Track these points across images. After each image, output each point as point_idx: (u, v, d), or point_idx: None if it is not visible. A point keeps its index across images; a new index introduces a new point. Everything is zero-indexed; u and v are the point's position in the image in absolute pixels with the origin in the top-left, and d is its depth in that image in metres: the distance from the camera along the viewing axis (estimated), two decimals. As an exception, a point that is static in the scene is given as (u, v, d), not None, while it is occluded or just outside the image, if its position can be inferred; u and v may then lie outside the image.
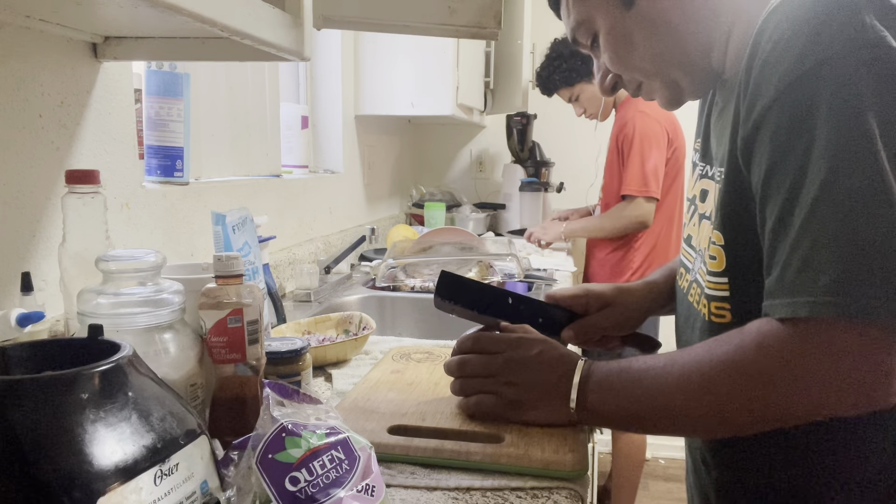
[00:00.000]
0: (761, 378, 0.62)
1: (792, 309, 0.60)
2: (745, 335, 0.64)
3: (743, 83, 0.67)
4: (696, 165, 0.87)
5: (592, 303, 0.95)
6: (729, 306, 0.73)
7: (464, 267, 1.82)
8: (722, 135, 0.75)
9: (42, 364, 0.54)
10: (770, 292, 0.63)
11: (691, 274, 0.83)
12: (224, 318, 0.70)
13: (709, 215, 0.77)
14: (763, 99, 0.63)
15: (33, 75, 0.93)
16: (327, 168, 2.23)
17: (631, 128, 2.26)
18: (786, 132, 0.61)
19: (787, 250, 0.60)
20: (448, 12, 1.05)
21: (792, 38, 0.61)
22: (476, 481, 0.69)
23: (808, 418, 0.63)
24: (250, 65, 1.71)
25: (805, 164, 0.60)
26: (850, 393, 0.59)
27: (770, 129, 0.63)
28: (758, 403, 0.63)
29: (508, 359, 0.77)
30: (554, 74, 2.44)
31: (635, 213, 2.25)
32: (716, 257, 0.73)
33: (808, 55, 0.60)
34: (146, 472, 0.47)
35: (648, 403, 0.69)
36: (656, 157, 2.24)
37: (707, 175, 0.81)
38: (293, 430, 0.54)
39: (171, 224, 1.25)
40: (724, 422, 0.66)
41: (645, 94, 0.83)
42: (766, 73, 0.63)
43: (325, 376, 1.07)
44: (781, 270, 0.61)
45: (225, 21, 0.71)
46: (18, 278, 0.82)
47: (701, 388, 0.65)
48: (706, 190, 0.80)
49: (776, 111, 0.62)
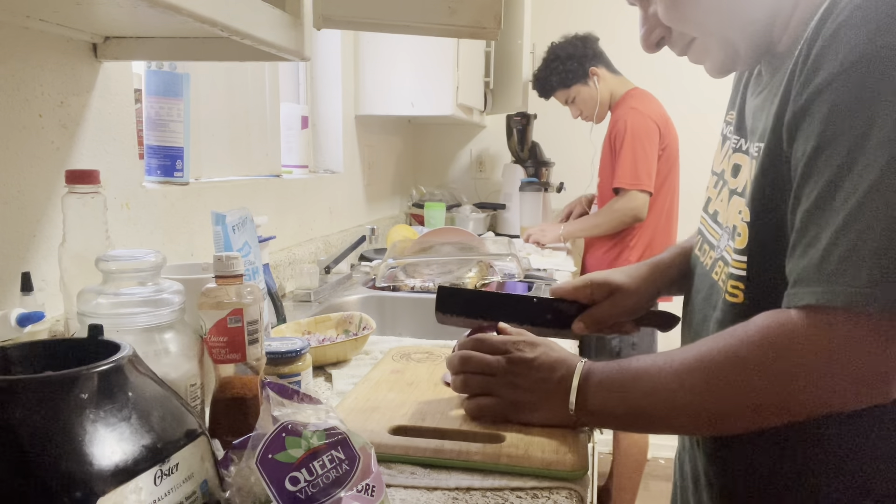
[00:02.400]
0: (768, 373, 0.60)
1: (827, 297, 0.57)
2: (748, 329, 0.62)
3: (802, 56, 0.62)
4: (727, 139, 0.82)
5: (598, 291, 0.92)
6: (743, 286, 0.70)
7: (464, 267, 1.82)
8: (764, 109, 0.72)
9: (42, 364, 0.54)
10: (800, 278, 0.60)
11: (716, 251, 0.79)
12: (224, 318, 0.70)
13: (741, 191, 0.74)
14: (823, 73, 0.60)
15: (33, 75, 0.93)
16: (327, 168, 2.23)
17: (622, 124, 2.29)
18: (843, 111, 0.58)
19: (828, 236, 0.58)
20: (448, 12, 1.05)
21: (866, 14, 0.58)
22: (476, 481, 0.69)
23: (816, 413, 0.61)
24: (250, 65, 1.71)
25: (859, 148, 0.57)
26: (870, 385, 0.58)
27: (825, 106, 0.59)
28: (765, 399, 0.61)
29: (509, 361, 0.77)
30: (551, 77, 2.47)
31: (629, 206, 2.26)
32: (741, 234, 0.71)
33: (880, 36, 0.56)
34: (146, 472, 0.47)
35: (648, 401, 0.68)
36: (648, 151, 2.26)
37: (741, 149, 0.77)
38: (293, 430, 0.54)
39: (170, 224, 1.25)
40: (726, 418, 0.65)
41: (694, 53, 0.77)
42: (833, 48, 0.59)
43: (325, 376, 1.07)
44: (821, 257, 0.58)
45: (225, 21, 0.71)
46: (18, 278, 0.82)
47: (703, 383, 0.64)
48: (739, 165, 0.77)
49: (835, 88, 0.59)
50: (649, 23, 0.78)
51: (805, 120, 0.62)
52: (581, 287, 0.93)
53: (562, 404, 0.73)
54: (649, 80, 2.51)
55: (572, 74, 2.43)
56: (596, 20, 2.68)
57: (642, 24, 0.79)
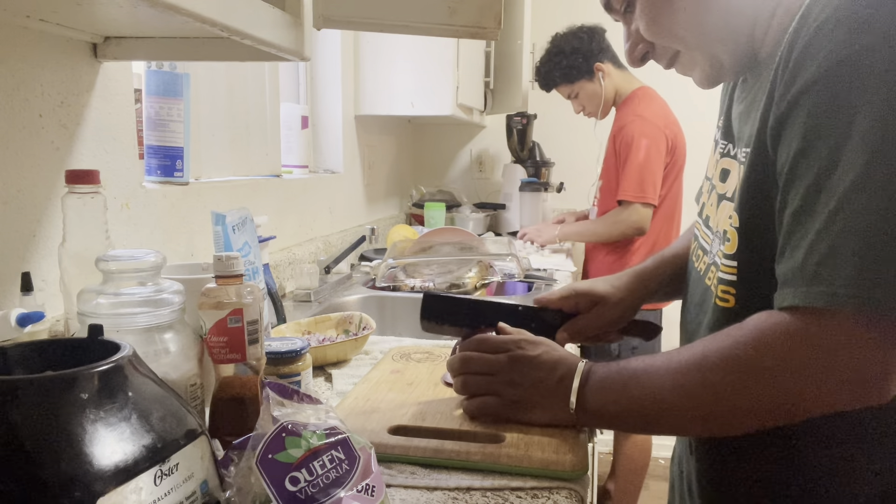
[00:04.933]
0: (763, 373, 0.61)
1: (809, 298, 0.58)
2: (743, 329, 0.63)
3: (783, 61, 0.64)
4: (717, 143, 0.84)
5: (582, 301, 0.93)
6: (734, 291, 0.71)
7: (464, 267, 1.82)
8: (749, 114, 0.73)
9: (42, 364, 0.54)
10: (786, 280, 0.61)
11: (709, 256, 0.80)
12: (224, 318, 0.70)
13: (730, 196, 0.75)
14: (803, 77, 0.60)
15: (33, 75, 0.93)
16: (327, 168, 2.23)
17: (629, 132, 2.23)
18: (823, 114, 0.59)
19: (810, 238, 0.59)
20: (448, 12, 1.05)
21: (842, 18, 0.58)
22: (476, 481, 0.69)
23: (810, 413, 0.62)
24: (250, 65, 1.71)
25: (839, 150, 0.57)
26: (856, 386, 0.58)
27: (806, 110, 0.60)
28: (759, 399, 0.62)
29: (511, 358, 0.77)
30: (554, 70, 2.39)
31: (632, 219, 2.22)
32: (730, 239, 0.72)
33: (857, 37, 0.57)
34: (146, 472, 0.47)
35: (646, 402, 0.68)
36: (654, 162, 2.21)
37: (729, 154, 0.78)
38: (293, 430, 0.54)
39: (170, 224, 1.25)
40: (722, 418, 0.65)
41: (681, 66, 0.79)
42: (811, 52, 0.60)
43: (325, 376, 1.07)
44: (803, 258, 0.59)
45: (225, 21, 0.71)
46: (18, 278, 0.82)
47: (699, 384, 0.64)
48: (727, 170, 0.78)
49: (816, 91, 0.59)
50: (633, 38, 0.80)
51: (787, 124, 0.62)
52: (565, 297, 0.94)
53: (562, 404, 0.73)
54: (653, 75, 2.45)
55: (577, 70, 2.35)
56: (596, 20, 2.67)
57: (626, 39, 0.81)
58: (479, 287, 1.80)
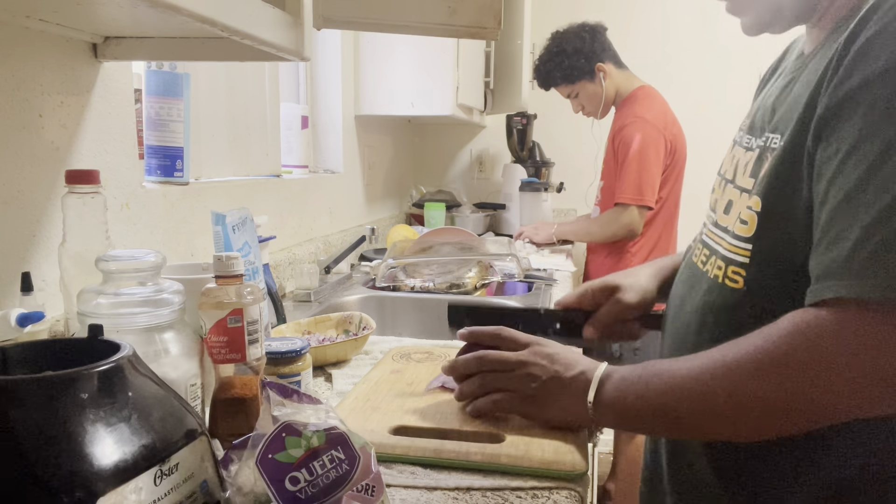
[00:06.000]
0: (798, 368, 0.59)
1: (858, 290, 0.56)
2: (778, 326, 0.61)
3: (839, 53, 0.62)
4: (736, 143, 0.82)
5: (599, 294, 0.94)
6: (744, 273, 0.70)
7: (464, 267, 1.82)
8: (789, 98, 0.71)
9: (42, 364, 0.54)
10: (828, 272, 0.59)
11: (709, 248, 0.78)
12: (224, 318, 0.70)
13: (749, 188, 0.73)
14: (861, 73, 0.59)
15: (33, 75, 0.93)
16: (327, 168, 2.23)
17: (629, 134, 2.21)
18: (880, 113, 0.57)
19: (856, 231, 0.57)
20: (448, 12, 1.05)
21: None
22: (476, 481, 0.69)
23: (843, 414, 0.60)
24: (250, 65, 1.71)
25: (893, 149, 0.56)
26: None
27: (861, 107, 0.59)
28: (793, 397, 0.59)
29: (532, 351, 0.77)
30: (555, 70, 2.37)
31: (625, 221, 2.22)
32: (747, 222, 0.70)
33: None
34: (146, 472, 0.47)
35: (670, 398, 0.66)
36: (653, 166, 2.20)
37: (750, 148, 0.76)
38: (293, 430, 0.54)
39: (170, 224, 1.25)
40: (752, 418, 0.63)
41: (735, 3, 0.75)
42: (879, 42, 0.58)
43: (325, 376, 1.07)
44: (851, 251, 0.57)
45: (225, 21, 0.71)
46: (18, 278, 0.82)
47: (726, 379, 0.62)
48: (748, 161, 0.76)
49: (874, 89, 0.58)
50: None
51: (838, 118, 0.61)
52: (583, 294, 0.95)
53: (580, 398, 0.72)
54: (653, 75, 2.46)
55: (578, 71, 2.33)
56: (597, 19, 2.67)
57: None
58: (479, 287, 1.80)
